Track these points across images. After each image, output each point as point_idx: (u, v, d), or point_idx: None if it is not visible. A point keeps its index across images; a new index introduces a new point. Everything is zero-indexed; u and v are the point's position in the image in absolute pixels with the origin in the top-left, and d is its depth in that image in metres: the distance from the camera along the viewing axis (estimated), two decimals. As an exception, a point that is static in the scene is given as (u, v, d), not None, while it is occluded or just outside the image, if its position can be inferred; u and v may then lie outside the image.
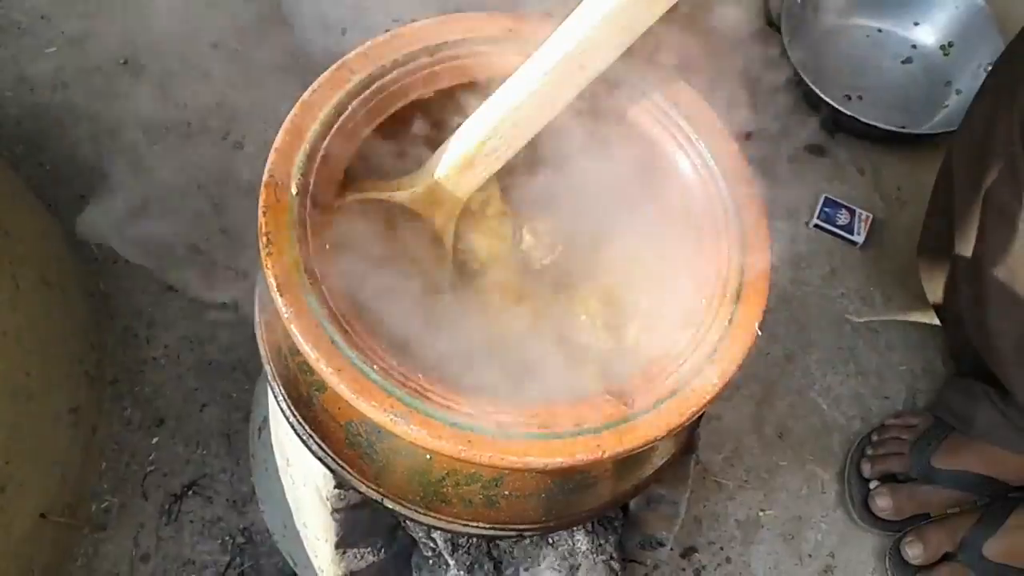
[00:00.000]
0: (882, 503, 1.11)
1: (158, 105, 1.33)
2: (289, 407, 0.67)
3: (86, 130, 1.29)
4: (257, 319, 0.71)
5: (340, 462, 0.65)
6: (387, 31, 1.21)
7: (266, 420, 0.93)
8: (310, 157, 0.63)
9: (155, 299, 1.18)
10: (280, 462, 0.87)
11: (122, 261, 1.20)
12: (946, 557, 1.09)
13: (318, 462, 0.68)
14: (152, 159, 1.28)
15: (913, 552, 1.08)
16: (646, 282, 0.70)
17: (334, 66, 0.67)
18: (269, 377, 0.69)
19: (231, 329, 1.16)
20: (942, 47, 1.53)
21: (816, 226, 1.35)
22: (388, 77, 0.68)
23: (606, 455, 0.55)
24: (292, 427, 0.67)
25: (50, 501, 0.97)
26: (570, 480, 0.63)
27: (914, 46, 1.54)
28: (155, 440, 1.09)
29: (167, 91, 1.34)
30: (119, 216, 1.21)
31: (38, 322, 0.98)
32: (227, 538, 1.05)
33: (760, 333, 0.62)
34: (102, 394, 1.10)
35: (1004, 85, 0.96)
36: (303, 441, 0.67)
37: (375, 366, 0.56)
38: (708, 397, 0.59)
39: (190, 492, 1.06)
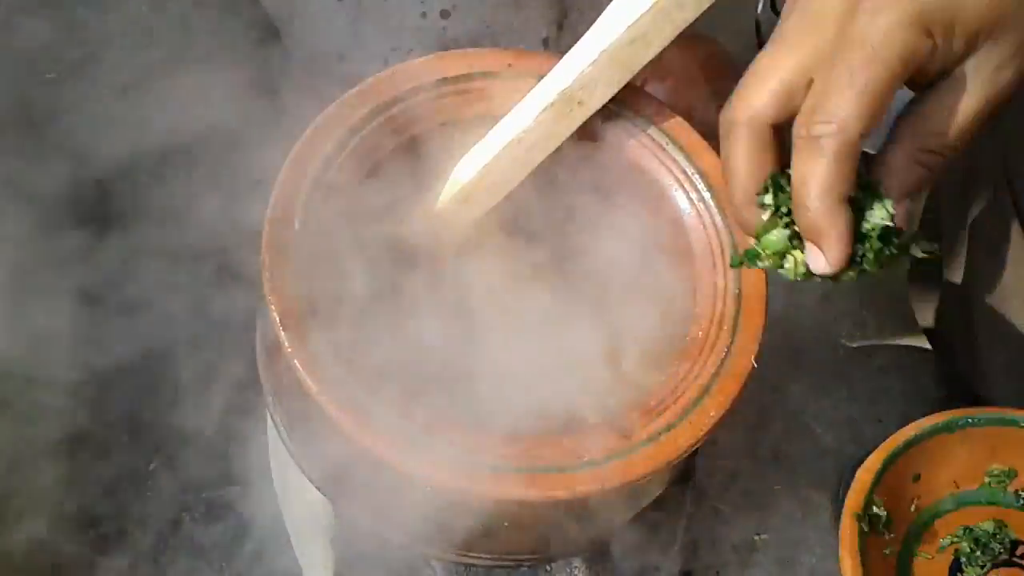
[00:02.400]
0: (876, 527, 1.12)
1: (158, 131, 1.34)
2: (288, 438, 0.68)
3: (86, 157, 1.30)
4: (258, 350, 0.72)
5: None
6: (384, 61, 1.23)
7: (265, 448, 0.94)
8: (312, 191, 0.65)
9: (158, 313, 1.19)
10: (279, 490, 0.88)
11: (121, 289, 1.21)
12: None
13: (317, 491, 0.69)
14: (153, 185, 1.29)
15: None
16: (643, 313, 0.71)
17: (334, 103, 0.69)
18: (269, 408, 0.70)
19: (236, 344, 1.16)
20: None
21: (810, 250, 1.36)
22: (390, 112, 0.70)
23: (604, 488, 0.56)
24: (293, 459, 0.68)
25: (49, 529, 0.97)
26: (568, 512, 0.64)
27: (906, 70, 1.55)
28: (152, 467, 1.10)
29: (167, 117, 1.35)
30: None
31: (41, 355, 0.99)
32: (224, 564, 1.05)
33: (756, 365, 0.63)
34: (109, 423, 1.11)
35: None
36: (303, 471, 0.67)
37: (376, 399, 0.57)
38: (705, 429, 0.60)
39: (189, 519, 1.07)
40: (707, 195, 0.70)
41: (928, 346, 1.21)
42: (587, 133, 0.71)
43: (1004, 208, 0.92)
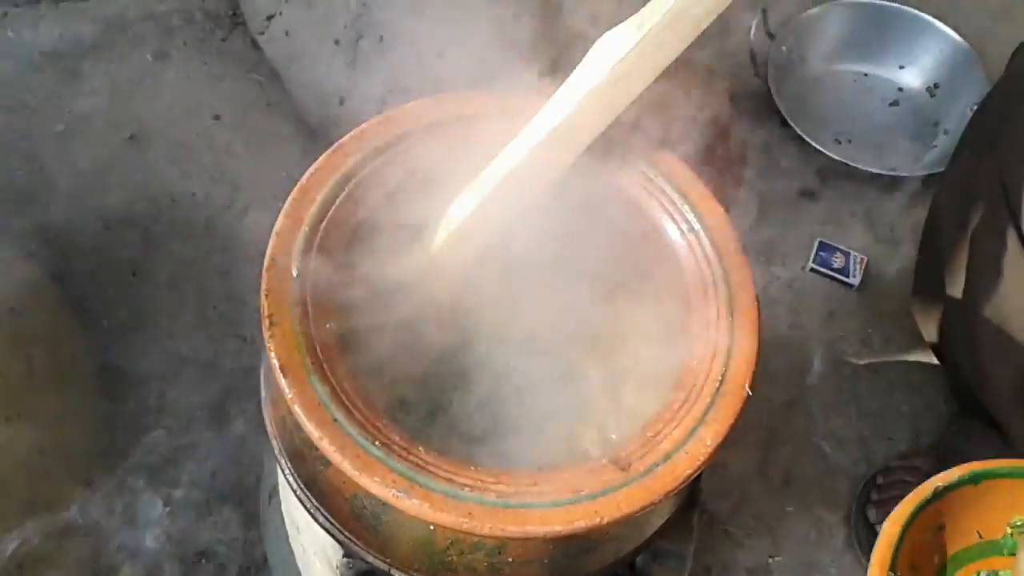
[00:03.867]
0: (889, 547, 1.12)
1: (164, 178, 1.36)
2: (296, 480, 0.69)
3: (95, 205, 1.32)
4: (263, 395, 0.73)
5: (347, 534, 0.67)
6: (383, 101, 1.25)
7: (276, 487, 0.94)
8: (309, 240, 0.66)
9: (166, 368, 1.20)
10: (291, 530, 0.89)
11: (132, 333, 1.22)
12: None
13: (326, 532, 0.69)
14: (159, 230, 1.31)
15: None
16: (641, 344, 0.72)
17: (330, 149, 0.70)
18: (276, 451, 0.71)
19: (241, 396, 1.18)
20: (928, 89, 1.56)
21: (812, 270, 1.37)
22: (383, 157, 0.71)
23: (604, 522, 0.57)
24: (299, 500, 0.69)
25: (67, 574, 0.98)
26: (572, 545, 0.64)
27: (900, 89, 1.57)
28: (168, 509, 1.11)
29: (173, 163, 1.38)
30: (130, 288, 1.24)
31: (52, 399, 1.00)
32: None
33: (751, 393, 0.64)
34: (116, 466, 1.12)
35: (984, 133, 0.99)
36: (310, 513, 0.68)
37: (377, 442, 0.58)
38: (702, 459, 0.61)
39: (203, 560, 1.08)
40: (698, 226, 0.71)
41: (935, 361, 1.21)
42: (579, 170, 0.73)
43: (1002, 223, 0.92)
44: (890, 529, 0.64)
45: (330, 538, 0.70)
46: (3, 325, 0.99)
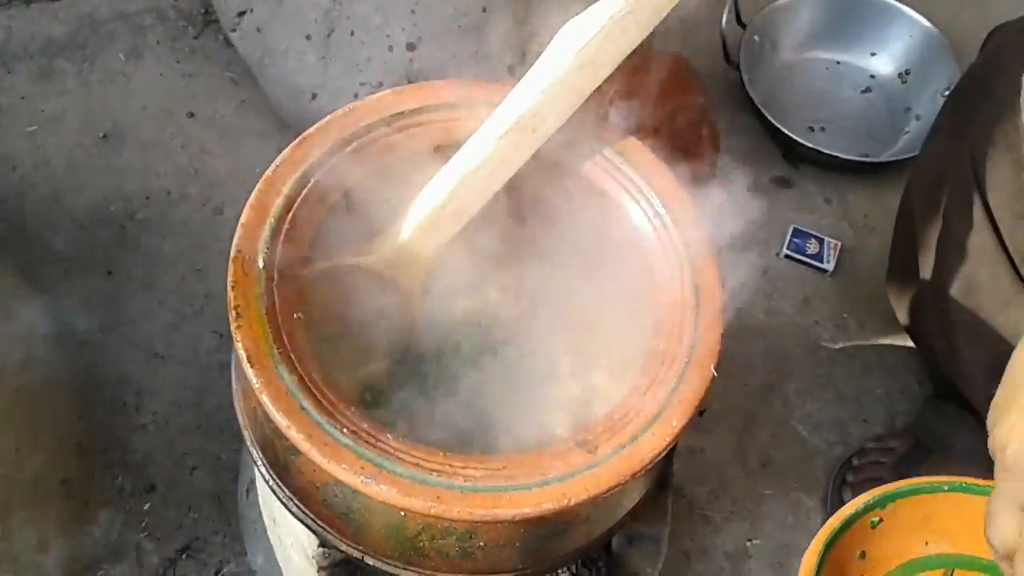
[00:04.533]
0: (865, 528, 1.13)
1: (138, 176, 1.36)
2: (268, 471, 0.69)
3: (69, 205, 1.32)
4: (234, 387, 0.73)
5: (320, 523, 0.67)
6: (355, 95, 1.25)
7: (253, 481, 0.95)
8: (275, 231, 0.66)
9: (142, 367, 1.20)
10: (268, 522, 0.89)
11: (108, 332, 1.22)
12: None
13: (300, 523, 0.70)
14: (134, 229, 1.31)
15: None
16: (608, 329, 0.73)
17: (295, 142, 0.71)
18: (248, 443, 0.71)
19: (217, 392, 1.18)
20: (900, 75, 1.57)
21: (787, 256, 1.38)
22: (348, 149, 0.72)
23: (572, 503, 0.58)
24: (272, 490, 0.69)
25: (45, 574, 0.98)
26: (543, 527, 0.65)
27: (872, 76, 1.58)
28: (147, 506, 1.11)
29: (147, 162, 1.38)
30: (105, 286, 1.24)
31: (25, 399, 1.00)
32: (222, 602, 1.06)
33: (715, 375, 0.65)
34: (93, 464, 1.12)
35: (955, 120, 0.99)
36: (283, 504, 0.69)
37: (344, 429, 0.59)
38: (667, 440, 0.61)
39: (184, 556, 1.08)
40: (663, 211, 0.72)
41: (911, 343, 1.23)
42: (545, 157, 0.73)
43: (973, 206, 0.93)
44: (808, 561, 0.65)
45: (305, 529, 0.70)
46: (-25, 327, 0.99)
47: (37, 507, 0.99)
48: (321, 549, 0.76)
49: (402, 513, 0.61)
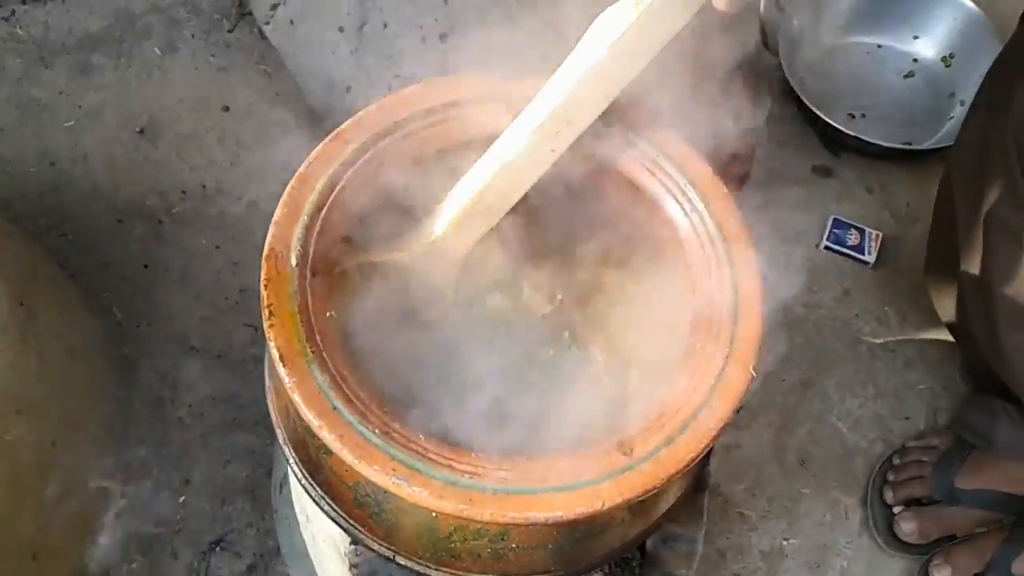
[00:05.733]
0: (907, 527, 1.11)
1: (175, 170, 1.37)
2: (300, 469, 0.69)
3: (107, 199, 1.33)
4: (267, 384, 0.73)
5: (351, 522, 0.66)
6: (388, 87, 1.24)
7: (286, 476, 0.95)
8: (308, 228, 0.66)
9: (178, 360, 1.21)
10: (301, 518, 0.89)
11: (144, 325, 1.23)
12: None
13: (332, 521, 0.69)
14: (171, 223, 1.31)
15: (941, 575, 1.07)
16: (644, 327, 0.72)
17: (327, 138, 0.70)
18: (280, 440, 0.71)
19: (252, 386, 1.18)
20: (943, 59, 1.53)
21: (826, 248, 1.35)
22: (381, 144, 0.71)
23: (606, 507, 0.57)
24: (304, 488, 0.69)
25: (83, 567, 0.99)
26: (576, 530, 0.64)
27: (915, 60, 1.54)
28: (182, 499, 1.12)
29: (183, 156, 1.38)
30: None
31: (63, 393, 1.01)
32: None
33: (755, 375, 0.63)
34: (129, 458, 1.13)
35: (995, 99, 0.96)
36: (315, 502, 0.68)
37: (376, 430, 0.58)
38: (705, 442, 0.60)
39: (218, 549, 1.08)
40: (700, 205, 0.70)
41: (951, 338, 1.20)
42: (578, 150, 0.72)
43: (1017, 190, 0.90)
44: None
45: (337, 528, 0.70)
46: (15, 320, 0.99)
47: (73, 499, 1.00)
48: (354, 547, 0.75)
49: (434, 514, 0.61)
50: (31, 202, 1.33)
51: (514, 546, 0.62)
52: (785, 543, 1.15)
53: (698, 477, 0.78)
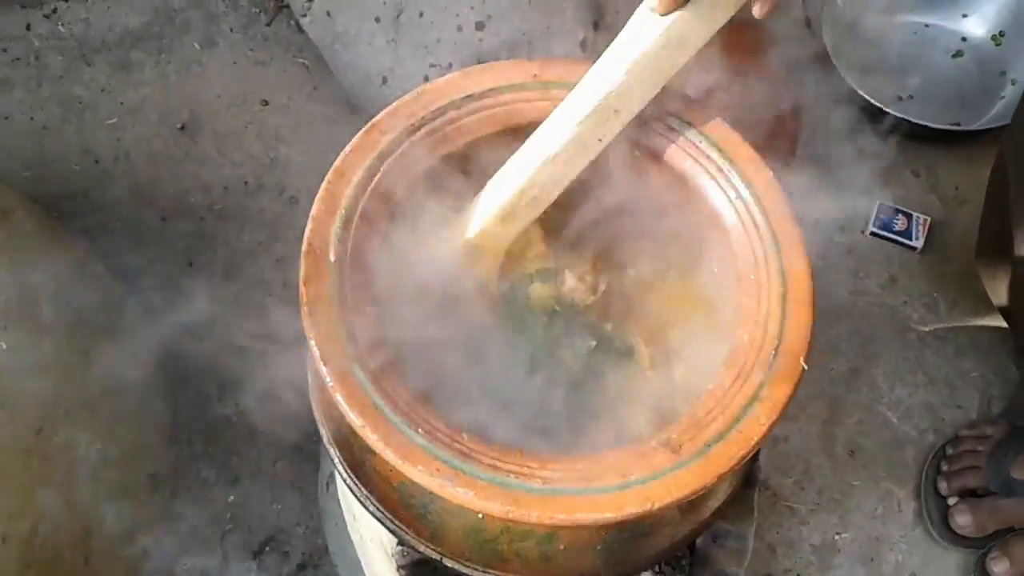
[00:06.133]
0: (962, 520, 1.08)
1: (216, 166, 1.37)
2: (345, 469, 0.68)
3: (150, 197, 1.34)
4: (310, 382, 0.73)
5: (397, 523, 0.66)
6: (425, 77, 1.23)
7: (332, 475, 0.95)
8: (346, 222, 0.65)
9: (225, 359, 1.21)
10: (348, 517, 0.89)
11: (191, 323, 1.24)
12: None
13: (378, 521, 0.69)
14: (213, 220, 1.32)
15: (999, 568, 1.05)
16: (689, 319, 0.70)
17: (364, 129, 0.69)
18: (325, 440, 0.70)
19: (298, 383, 1.18)
20: (993, 37, 1.49)
21: (872, 234, 1.32)
22: (418, 135, 0.70)
23: (655, 508, 0.55)
24: (349, 488, 0.68)
25: (133, 569, 1.00)
26: (625, 530, 0.63)
27: (964, 39, 1.50)
28: (231, 499, 1.12)
29: (223, 151, 1.39)
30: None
31: (112, 392, 1.01)
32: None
33: (806, 368, 0.61)
34: (179, 457, 1.14)
35: None
36: (361, 502, 0.68)
37: (420, 429, 0.57)
38: (756, 439, 0.58)
39: (267, 548, 1.09)
40: (745, 192, 0.69)
41: (1004, 324, 1.16)
42: (621, 139, 0.70)
43: None
44: None
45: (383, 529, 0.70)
46: (63, 320, 1.00)
47: (124, 500, 1.01)
48: (400, 547, 0.75)
49: (480, 516, 0.60)
50: (76, 200, 1.34)
51: (562, 547, 0.61)
52: (837, 537, 1.12)
53: (748, 473, 0.76)
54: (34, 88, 1.41)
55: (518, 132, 0.71)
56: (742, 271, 0.67)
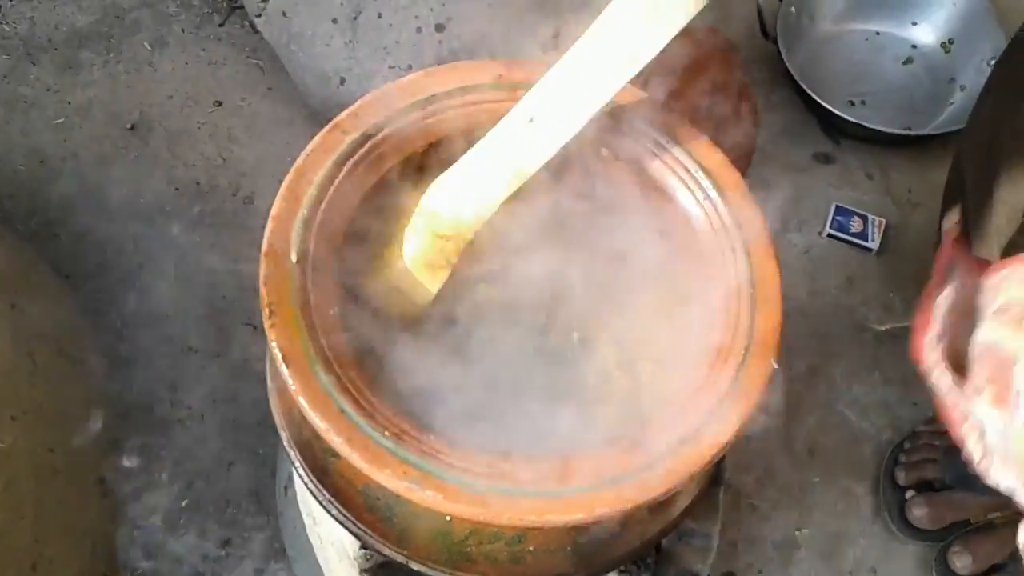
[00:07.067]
0: (919, 512, 1.09)
1: (167, 167, 1.34)
2: (307, 473, 0.67)
3: (98, 197, 1.30)
4: (269, 385, 0.71)
5: (361, 526, 0.64)
6: (384, 79, 1.22)
7: (291, 478, 0.93)
8: (308, 223, 0.64)
9: (176, 361, 1.19)
10: (307, 521, 0.87)
11: (141, 326, 1.21)
12: (994, 568, 1.06)
13: (340, 525, 0.68)
14: (164, 221, 1.29)
15: (961, 563, 1.06)
16: (658, 321, 0.70)
17: (325, 128, 0.68)
18: (285, 443, 0.69)
19: (253, 386, 1.16)
20: (943, 45, 1.52)
21: (829, 235, 1.34)
22: (381, 135, 0.69)
23: (628, 507, 0.55)
24: (311, 492, 0.67)
25: (83, 574, 0.97)
26: (596, 531, 0.62)
27: (914, 46, 1.53)
28: (185, 503, 1.10)
29: (175, 152, 1.36)
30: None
31: (58, 396, 0.99)
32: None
33: (776, 367, 0.61)
34: (129, 462, 1.11)
35: (1009, 81, 0.95)
36: (323, 506, 0.66)
37: (386, 432, 0.56)
38: (726, 438, 0.58)
39: (224, 553, 1.06)
40: (713, 193, 0.68)
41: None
42: (586, 139, 0.69)
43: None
44: None
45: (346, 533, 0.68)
46: (5, 321, 0.97)
47: (73, 505, 0.98)
48: (363, 551, 0.73)
49: (448, 518, 0.59)
50: (21, 202, 1.30)
51: (531, 549, 0.61)
52: (797, 533, 1.13)
53: (714, 472, 0.76)
54: (-23, 87, 1.37)
55: (483, 132, 0.70)
56: (711, 272, 0.67)
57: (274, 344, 0.58)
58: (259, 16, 1.34)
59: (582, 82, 0.65)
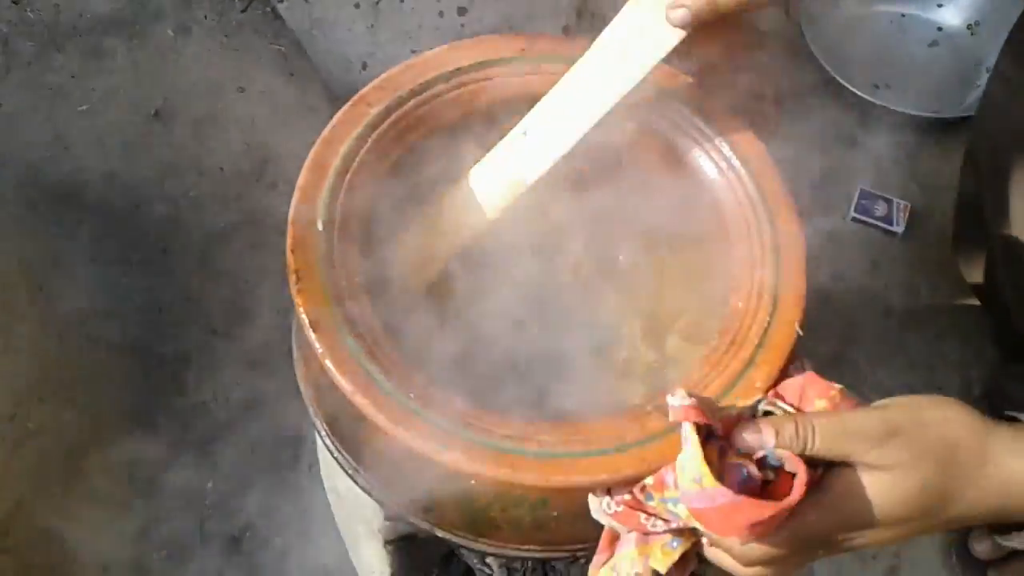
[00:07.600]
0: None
1: (191, 153, 1.35)
2: (332, 442, 0.67)
3: (124, 183, 1.31)
4: (295, 356, 0.71)
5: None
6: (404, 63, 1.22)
7: (315, 457, 0.93)
8: (334, 192, 0.64)
9: (200, 344, 1.20)
10: (331, 497, 0.88)
11: (164, 309, 1.22)
12: (1016, 552, 1.05)
13: (366, 495, 0.68)
14: (188, 206, 1.30)
15: (981, 547, 1.05)
16: (681, 290, 0.70)
17: (351, 100, 0.68)
18: (311, 413, 0.69)
19: (276, 369, 1.17)
20: (968, 27, 1.50)
21: (854, 219, 1.33)
22: (406, 107, 0.69)
23: (651, 469, 0.55)
24: (337, 462, 0.67)
25: (112, 556, 0.98)
26: (618, 496, 0.62)
27: (940, 28, 1.51)
28: (210, 484, 1.10)
29: (199, 138, 1.37)
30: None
31: (87, 379, 0.99)
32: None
33: (801, 333, 0.61)
34: (155, 443, 1.12)
35: (1018, 63, 0.94)
36: (349, 475, 0.67)
37: (412, 395, 0.56)
38: (750, 402, 0.58)
39: (248, 534, 1.07)
40: (736, 163, 0.68)
41: (979, 303, 1.17)
42: (616, 113, 0.69)
43: None
44: None
45: (371, 501, 0.68)
46: (34, 306, 0.98)
47: (100, 487, 0.99)
48: (388, 523, 0.74)
49: (472, 482, 0.59)
50: (47, 188, 1.31)
51: (555, 514, 0.60)
52: (820, 516, 1.12)
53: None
54: (2, 75, 1.38)
55: (507, 104, 0.71)
56: (734, 241, 0.67)
57: (301, 311, 0.58)
58: (281, 1, 1.35)
59: (576, 100, 0.66)
